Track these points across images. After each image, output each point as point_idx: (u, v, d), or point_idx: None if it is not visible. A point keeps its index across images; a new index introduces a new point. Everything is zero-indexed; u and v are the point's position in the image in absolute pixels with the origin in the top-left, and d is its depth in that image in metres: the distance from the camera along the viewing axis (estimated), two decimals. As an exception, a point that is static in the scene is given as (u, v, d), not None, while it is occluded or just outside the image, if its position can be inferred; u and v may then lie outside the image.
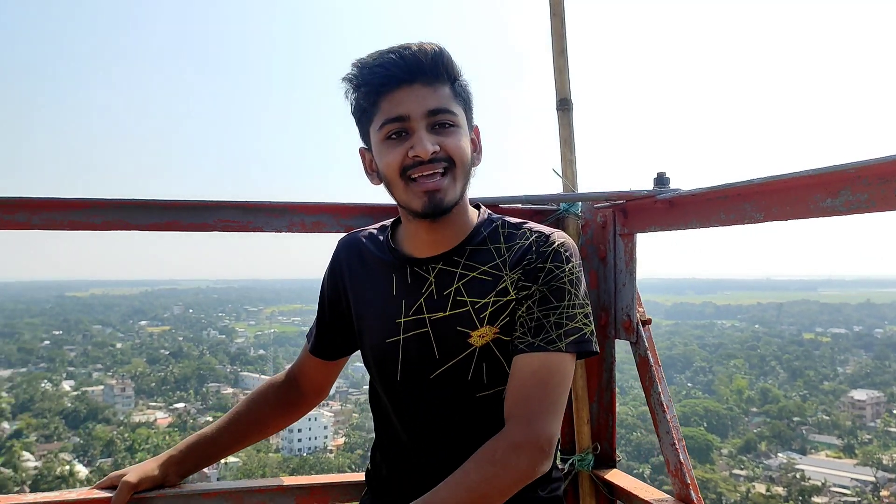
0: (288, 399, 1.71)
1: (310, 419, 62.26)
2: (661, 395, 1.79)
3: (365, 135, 1.41)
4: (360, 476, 1.74)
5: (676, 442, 1.74)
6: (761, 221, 1.42)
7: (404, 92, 1.31)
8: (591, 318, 1.39)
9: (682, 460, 1.72)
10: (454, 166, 1.33)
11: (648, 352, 1.85)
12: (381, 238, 1.53)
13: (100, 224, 1.70)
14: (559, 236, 1.41)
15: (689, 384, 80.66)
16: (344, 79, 1.38)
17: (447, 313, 1.39)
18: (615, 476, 1.90)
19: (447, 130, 1.33)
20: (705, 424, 60.02)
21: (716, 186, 1.52)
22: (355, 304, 1.52)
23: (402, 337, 1.42)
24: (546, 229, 1.43)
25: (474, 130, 1.45)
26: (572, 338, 1.33)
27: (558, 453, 2.00)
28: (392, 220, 1.56)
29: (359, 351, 1.60)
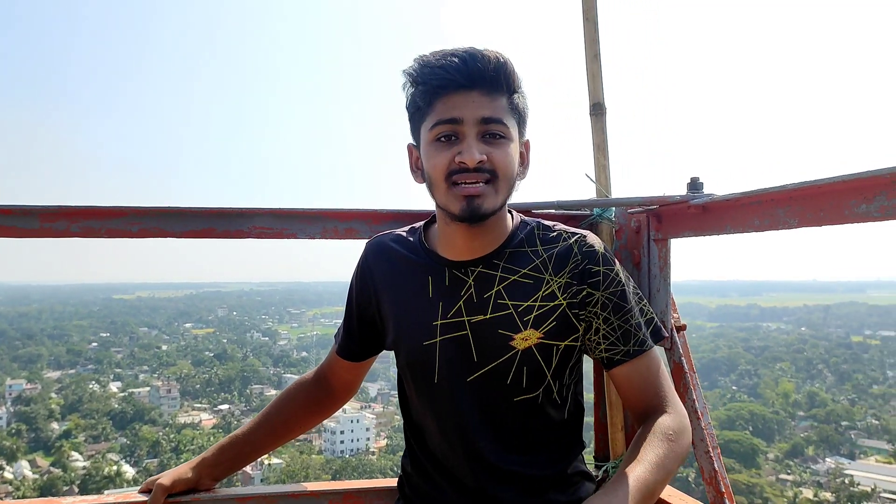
0: (318, 398, 1.72)
1: (352, 421, 62.80)
2: (696, 402, 1.77)
3: (415, 132, 1.41)
4: (393, 482, 1.75)
5: (711, 450, 1.72)
6: (795, 227, 1.40)
7: (461, 96, 1.31)
8: (647, 302, 1.50)
9: (717, 468, 1.69)
10: (497, 178, 1.33)
11: (683, 358, 1.82)
12: (413, 240, 1.52)
13: (136, 232, 1.73)
14: (592, 236, 1.43)
15: (733, 387, 79.40)
16: (404, 72, 1.37)
17: (488, 316, 1.38)
18: (649, 484, 1.88)
19: (497, 142, 1.32)
20: (750, 428, 59.02)
21: (750, 192, 1.49)
22: (387, 307, 1.51)
23: (438, 339, 1.41)
24: (579, 231, 1.45)
25: (525, 145, 1.43)
26: (650, 329, 1.44)
27: (592, 459, 1.98)
28: (422, 222, 1.56)
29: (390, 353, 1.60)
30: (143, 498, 1.62)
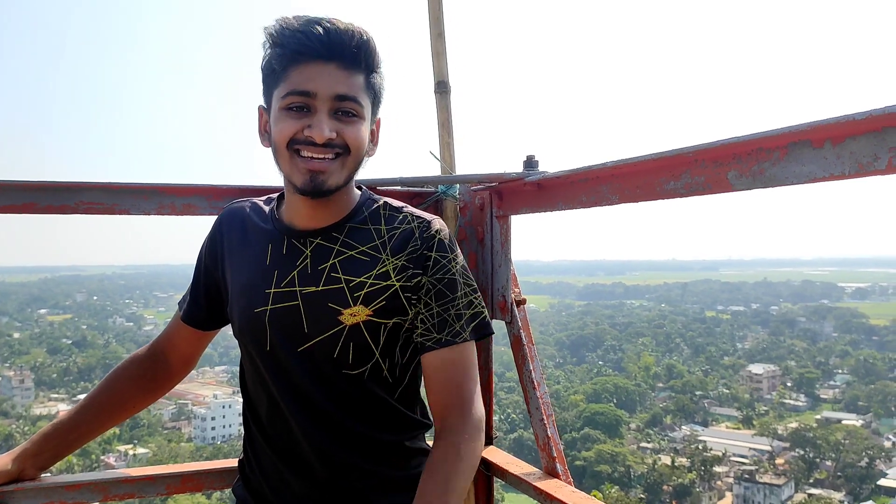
0: (153, 374, 1.65)
1: (224, 407, 61.14)
2: (533, 373, 1.84)
3: (268, 95, 1.37)
4: (234, 462, 1.72)
5: (545, 418, 1.79)
6: (617, 203, 1.47)
7: (318, 68, 1.29)
8: (481, 298, 1.48)
9: (550, 434, 1.77)
10: (347, 154, 1.33)
11: (522, 331, 1.89)
12: (267, 209, 1.51)
13: (-54, 206, 1.60)
14: (439, 223, 1.45)
15: (600, 362, 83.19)
16: (265, 30, 1.33)
17: (319, 288, 1.38)
18: (490, 453, 1.94)
19: (349, 119, 1.32)
20: (615, 401, 62.09)
21: (577, 169, 1.55)
22: (229, 273, 1.50)
23: (269, 307, 1.40)
24: (426, 215, 1.46)
25: (376, 122, 1.44)
26: (472, 325, 1.42)
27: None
28: (280, 193, 1.54)
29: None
30: None
